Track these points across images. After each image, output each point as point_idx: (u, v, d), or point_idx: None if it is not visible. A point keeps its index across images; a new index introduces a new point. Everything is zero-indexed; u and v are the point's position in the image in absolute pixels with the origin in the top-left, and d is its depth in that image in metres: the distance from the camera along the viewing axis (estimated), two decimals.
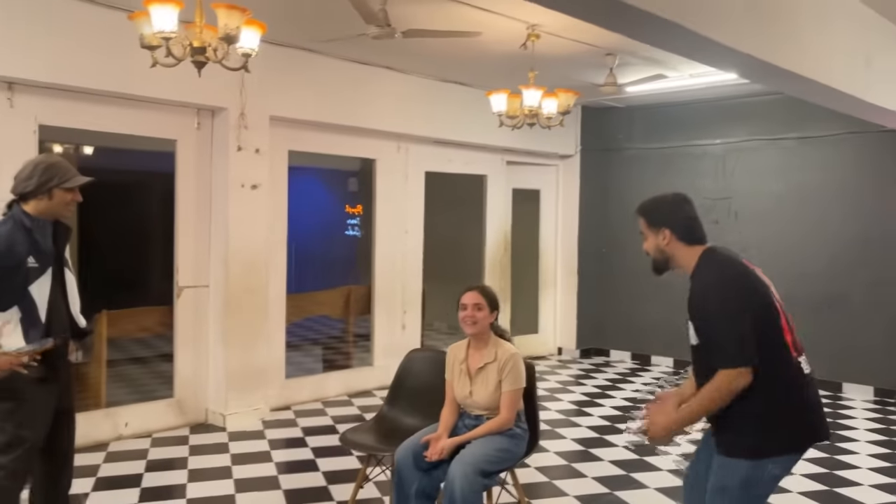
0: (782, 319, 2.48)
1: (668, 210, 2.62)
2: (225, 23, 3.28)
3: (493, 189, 8.07)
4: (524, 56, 5.40)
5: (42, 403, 2.93)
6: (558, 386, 7.26)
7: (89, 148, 7.46)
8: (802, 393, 2.47)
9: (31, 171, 2.91)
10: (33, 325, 2.86)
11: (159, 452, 5.01)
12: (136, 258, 7.84)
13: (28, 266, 2.86)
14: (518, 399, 3.38)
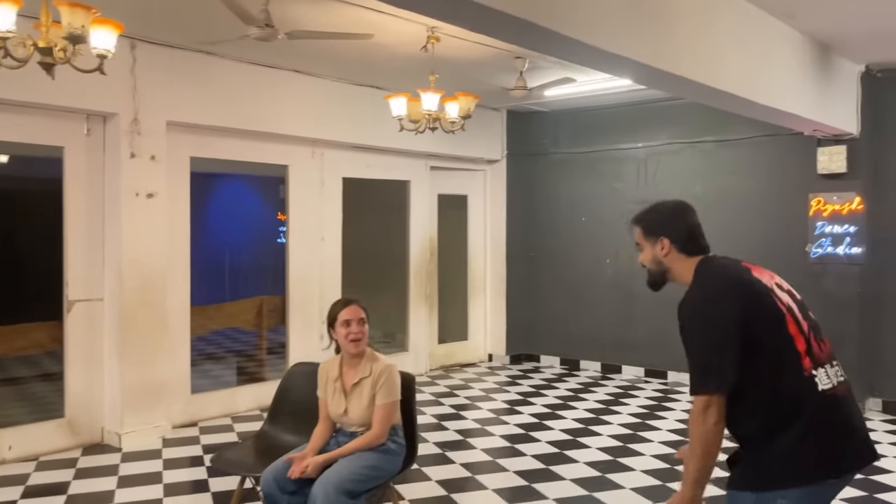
0: (790, 326, 2.13)
1: (668, 217, 2.37)
2: (69, 21, 3.06)
3: (416, 195, 7.93)
4: (431, 59, 5.28)
5: None
6: (481, 394, 7.13)
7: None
8: (814, 414, 2.07)
9: None
10: None
11: (42, 477, 4.73)
12: (19, 270, 7.52)
13: None
14: (392, 413, 3.24)
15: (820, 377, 2.11)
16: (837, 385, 2.14)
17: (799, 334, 2.14)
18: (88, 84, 4.94)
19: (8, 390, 5.87)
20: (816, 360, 2.13)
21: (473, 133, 8.02)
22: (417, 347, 7.94)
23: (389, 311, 8.32)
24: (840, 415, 2.12)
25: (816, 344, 2.16)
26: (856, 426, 2.15)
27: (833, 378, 2.14)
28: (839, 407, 2.12)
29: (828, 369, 2.14)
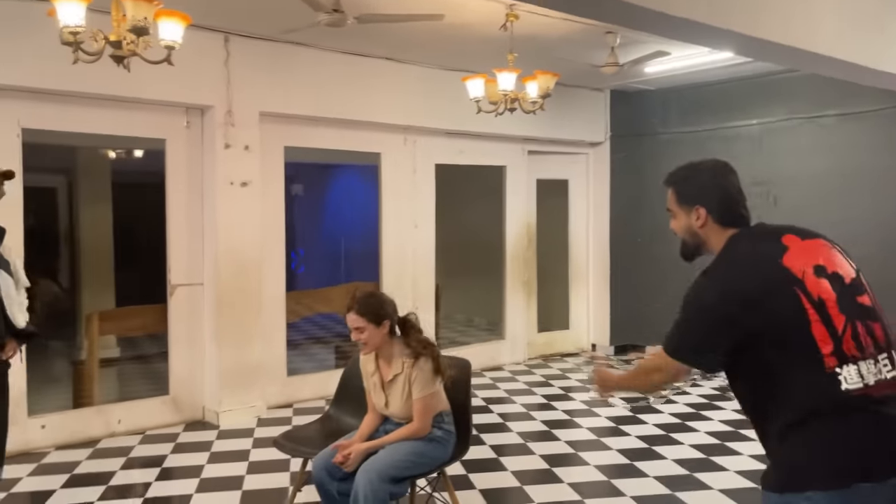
0: (812, 325, 1.88)
1: (707, 184, 2.13)
2: (132, 14, 3.19)
3: (513, 180, 7.77)
4: (510, 38, 5.12)
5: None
6: (578, 384, 6.90)
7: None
8: (836, 414, 1.86)
9: None
10: None
11: (144, 449, 5.04)
12: (133, 256, 8.08)
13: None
14: (430, 405, 3.15)
15: (847, 375, 1.86)
16: (875, 384, 1.87)
17: (826, 335, 1.88)
18: (188, 79, 5.24)
19: (120, 368, 6.32)
20: (849, 356, 1.88)
21: (574, 115, 7.79)
22: (515, 336, 7.81)
23: (487, 298, 8.25)
24: (872, 413, 1.86)
25: (853, 339, 1.89)
26: (887, 431, 1.86)
27: (868, 377, 1.87)
28: (871, 406, 1.86)
29: (861, 365, 1.88)
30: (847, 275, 1.99)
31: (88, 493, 4.23)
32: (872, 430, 1.86)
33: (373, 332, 3.16)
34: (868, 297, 1.99)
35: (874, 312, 1.97)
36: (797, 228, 2.07)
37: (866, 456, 1.85)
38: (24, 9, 4.58)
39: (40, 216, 8.69)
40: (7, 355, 3.15)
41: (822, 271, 1.96)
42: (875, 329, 1.94)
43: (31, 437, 4.95)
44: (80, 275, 8.01)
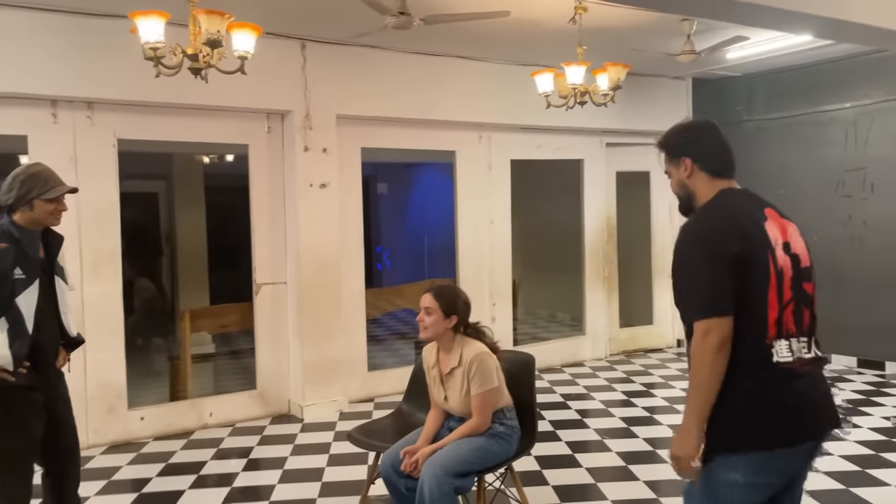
0: (770, 290, 2.03)
1: (690, 137, 2.28)
2: (206, 27, 3.36)
3: (591, 173, 7.67)
4: (580, 31, 5.06)
5: (28, 411, 2.94)
6: (660, 381, 6.75)
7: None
8: (766, 382, 2.01)
9: (10, 183, 2.94)
10: (19, 337, 2.86)
11: (233, 441, 5.30)
12: (226, 257, 8.44)
13: (14, 277, 2.87)
14: (489, 401, 3.16)
15: (778, 348, 2.05)
16: (797, 360, 2.06)
17: (776, 301, 2.05)
18: (268, 85, 5.46)
19: (214, 364, 6.65)
20: (783, 330, 2.06)
21: (653, 104, 7.61)
22: (595, 331, 7.71)
23: (569, 294, 8.18)
24: (792, 387, 2.04)
25: (793, 315, 2.08)
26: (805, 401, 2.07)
27: (797, 352, 2.07)
28: (792, 380, 2.04)
29: (793, 342, 2.07)
30: (804, 260, 2.14)
31: (182, 481, 4.49)
32: (794, 400, 2.04)
33: (439, 319, 3.19)
34: (811, 286, 2.16)
35: (810, 300, 2.14)
36: (776, 207, 2.21)
37: (787, 423, 2.02)
38: (115, 26, 4.87)
39: (143, 220, 9.27)
40: (59, 364, 3.13)
41: (788, 248, 2.12)
42: (805, 314, 2.12)
43: (132, 428, 5.29)
44: (177, 274, 8.48)
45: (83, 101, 5.03)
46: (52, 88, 4.83)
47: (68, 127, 5.02)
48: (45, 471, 3.11)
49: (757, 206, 2.18)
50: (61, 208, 3.03)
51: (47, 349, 3.03)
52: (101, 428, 5.15)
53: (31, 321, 2.91)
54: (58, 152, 4.91)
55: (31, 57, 4.72)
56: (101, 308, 5.13)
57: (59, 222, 3.07)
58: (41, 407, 2.99)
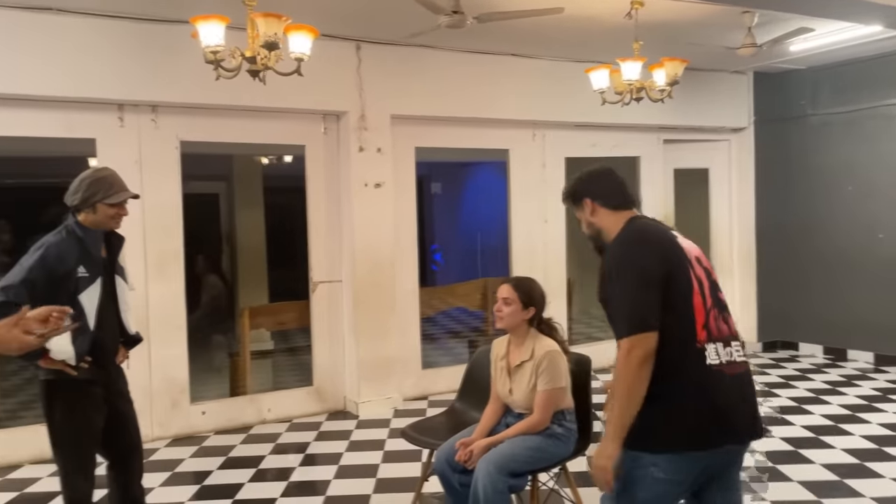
0: (695, 297, 2.20)
1: (586, 181, 2.52)
2: (264, 30, 3.44)
3: (647, 170, 7.54)
4: (636, 26, 4.98)
5: (89, 405, 3.03)
6: None
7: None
8: (695, 384, 2.15)
9: (77, 185, 3.02)
10: (82, 333, 2.92)
11: (290, 437, 5.40)
12: (283, 255, 8.59)
13: (78, 275, 2.95)
14: (553, 399, 3.15)
15: (710, 352, 2.18)
16: (726, 363, 2.19)
17: (701, 307, 2.21)
18: (324, 87, 5.54)
19: (272, 360, 6.79)
20: (711, 335, 2.19)
21: (713, 100, 7.45)
22: None
23: None
24: (720, 391, 2.16)
25: (715, 322, 2.22)
26: (733, 404, 2.18)
27: (723, 356, 2.19)
28: (721, 383, 2.16)
29: (720, 347, 2.20)
30: (713, 273, 2.33)
31: (241, 474, 4.60)
32: (718, 404, 2.15)
33: (516, 310, 3.22)
34: (724, 295, 2.32)
35: (727, 308, 2.30)
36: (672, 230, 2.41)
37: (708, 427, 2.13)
38: (177, 31, 5.00)
39: (205, 219, 9.53)
40: (119, 361, 3.22)
41: (700, 262, 2.31)
42: (728, 319, 2.28)
43: (194, 422, 5.44)
44: (237, 273, 8.69)
45: (148, 104, 5.20)
46: (119, 93, 5.01)
47: (134, 130, 5.20)
48: (108, 463, 3.21)
49: (665, 228, 2.39)
50: (122, 213, 3.09)
51: (108, 346, 3.11)
52: (165, 421, 5.31)
53: (94, 318, 3.00)
54: (124, 155, 5.09)
55: (98, 63, 4.90)
56: (166, 306, 5.29)
57: (119, 226, 3.15)
58: (102, 401, 3.08)
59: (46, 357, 2.87)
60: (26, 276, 2.87)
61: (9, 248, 7.03)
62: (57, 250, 2.95)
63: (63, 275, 2.93)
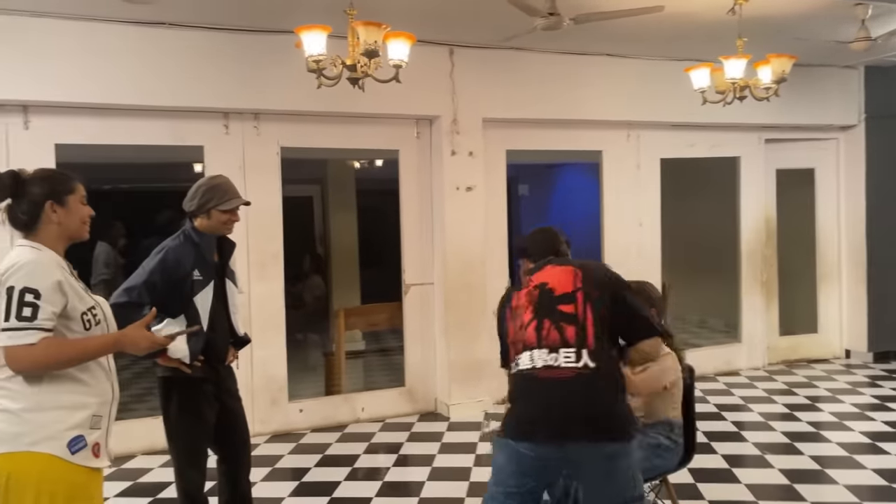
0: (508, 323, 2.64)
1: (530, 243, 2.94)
2: (364, 38, 3.50)
3: (748, 171, 7.25)
4: (740, 22, 4.79)
5: (202, 401, 3.18)
6: (826, 394, 6.27)
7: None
8: (516, 386, 2.55)
9: (194, 191, 3.17)
10: (196, 333, 3.06)
11: (383, 437, 5.48)
12: (376, 258, 8.72)
13: (193, 278, 3.11)
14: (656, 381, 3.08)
15: (522, 359, 2.52)
16: (544, 368, 2.46)
17: (512, 329, 2.62)
18: (417, 92, 5.60)
19: (365, 360, 6.92)
20: (525, 344, 2.53)
21: (819, 97, 7.10)
22: (752, 339, 7.28)
23: (722, 298, 7.79)
24: (537, 393, 2.47)
25: (536, 331, 2.51)
26: (553, 406, 2.43)
27: (540, 361, 2.47)
28: (538, 386, 2.47)
29: (535, 353, 2.49)
30: (560, 289, 2.57)
31: (337, 472, 4.70)
32: (536, 405, 2.46)
33: None
34: (574, 307, 2.52)
35: (572, 318, 2.50)
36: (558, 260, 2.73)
37: (529, 425, 2.45)
38: (278, 42, 5.18)
39: (300, 222, 9.83)
40: (228, 361, 3.34)
41: (543, 287, 2.61)
42: (567, 329, 2.49)
43: (292, 420, 5.61)
44: (331, 274, 8.90)
45: (251, 112, 5.41)
46: (225, 102, 5.22)
47: (238, 137, 5.42)
48: (219, 458, 3.35)
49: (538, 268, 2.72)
50: (234, 219, 3.22)
51: (219, 346, 3.23)
52: (265, 418, 5.50)
53: (206, 319, 3.14)
54: (229, 160, 5.30)
55: (205, 73, 5.13)
56: (266, 306, 5.48)
57: (231, 231, 3.29)
58: (214, 399, 3.22)
59: (164, 356, 3.03)
60: (147, 278, 3.06)
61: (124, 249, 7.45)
62: (175, 255, 3.12)
63: (180, 278, 3.10)
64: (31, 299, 2.12)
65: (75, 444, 2.17)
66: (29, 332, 2.11)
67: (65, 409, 2.18)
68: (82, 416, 2.21)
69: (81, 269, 2.55)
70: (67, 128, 4.96)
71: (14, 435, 2.14)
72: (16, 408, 2.15)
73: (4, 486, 2.10)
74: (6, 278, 2.16)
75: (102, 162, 6.81)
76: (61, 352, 2.16)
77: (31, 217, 2.25)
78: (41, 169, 2.38)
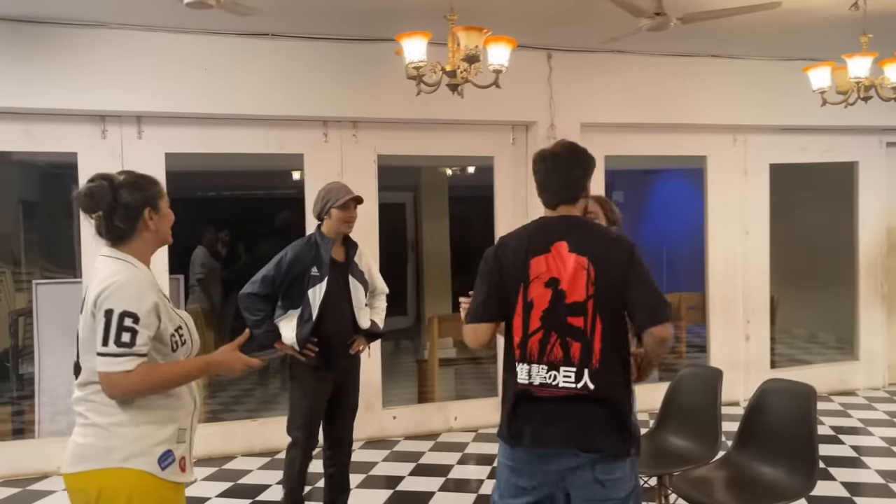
0: (515, 318, 2.35)
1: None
2: (465, 43, 3.45)
3: (867, 178, 6.78)
4: (863, 17, 4.46)
5: (313, 388, 3.65)
6: None
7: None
8: (513, 394, 2.38)
9: (316, 198, 3.68)
10: (306, 322, 3.55)
11: (476, 447, 5.41)
12: (467, 265, 8.60)
13: (311, 274, 3.57)
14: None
15: (521, 370, 2.34)
16: (541, 385, 2.31)
17: (520, 328, 2.34)
18: (514, 98, 5.52)
19: (456, 369, 6.86)
20: (527, 355, 2.33)
21: None
22: (872, 356, 6.78)
23: (834, 312, 7.31)
24: (530, 406, 2.34)
25: (539, 343, 2.31)
26: (544, 421, 2.31)
27: (538, 377, 2.31)
28: (530, 400, 2.33)
29: (534, 368, 2.32)
30: (571, 296, 2.30)
31: (431, 482, 4.66)
32: (527, 417, 2.33)
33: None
34: (583, 320, 2.29)
35: (580, 334, 2.29)
36: (575, 239, 2.34)
37: (512, 427, 2.37)
38: (376, 50, 5.22)
39: (393, 228, 9.91)
40: (353, 350, 3.75)
41: (555, 285, 2.31)
42: (572, 346, 2.29)
43: (386, 426, 5.62)
44: (423, 281, 8.92)
45: (349, 120, 5.47)
46: (324, 110, 5.31)
47: (336, 145, 5.48)
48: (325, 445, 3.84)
49: (545, 239, 2.37)
50: (351, 215, 3.64)
51: (333, 338, 3.63)
52: (360, 424, 5.43)
53: (316, 310, 3.56)
54: (328, 168, 5.38)
55: (306, 82, 5.22)
56: None
57: (350, 229, 3.71)
58: (325, 384, 3.68)
59: (279, 342, 3.58)
60: (266, 273, 3.62)
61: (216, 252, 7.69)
62: (294, 253, 3.63)
63: (299, 273, 3.59)
64: (130, 324, 2.05)
65: (165, 459, 2.12)
66: (127, 358, 2.04)
67: (154, 424, 2.13)
68: (171, 431, 2.16)
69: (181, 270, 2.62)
70: (176, 137, 5.16)
71: (105, 450, 2.08)
72: (105, 422, 2.10)
73: (94, 502, 2.06)
74: (104, 300, 2.07)
75: (206, 170, 7.07)
76: (156, 378, 2.11)
77: (130, 226, 2.16)
78: (124, 172, 2.25)
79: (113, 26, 4.79)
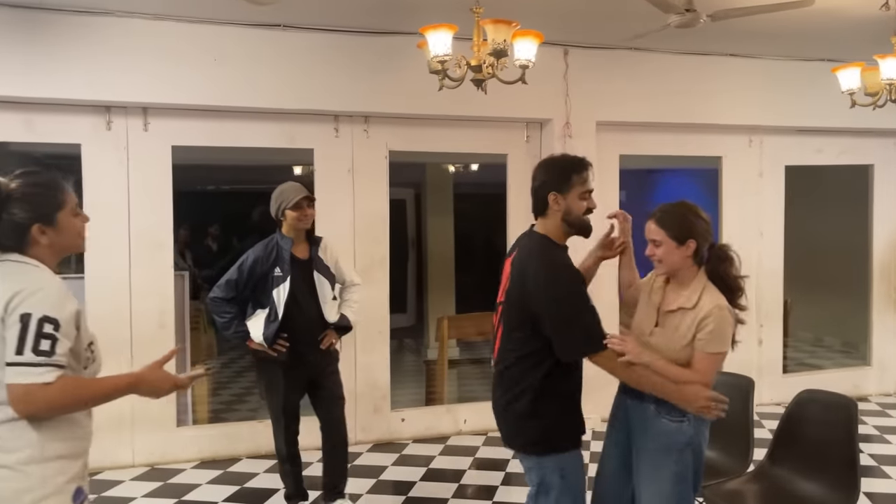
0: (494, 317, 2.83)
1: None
2: (493, 37, 3.32)
3: (883, 180, 6.69)
4: (892, 17, 4.36)
5: (277, 382, 3.80)
6: None
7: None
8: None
9: (272, 200, 3.76)
10: (272, 321, 3.66)
11: (487, 451, 5.28)
12: (472, 264, 8.51)
13: (274, 275, 3.68)
14: (715, 365, 2.56)
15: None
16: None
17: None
18: (530, 95, 5.35)
19: (460, 370, 6.74)
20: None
21: None
22: (884, 362, 6.70)
23: (841, 315, 7.24)
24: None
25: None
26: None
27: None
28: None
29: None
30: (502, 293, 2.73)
31: (443, 488, 4.54)
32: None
33: (671, 249, 2.64)
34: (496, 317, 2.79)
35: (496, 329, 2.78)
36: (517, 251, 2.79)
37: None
38: (390, 43, 5.09)
39: (393, 225, 9.78)
40: (325, 345, 3.82)
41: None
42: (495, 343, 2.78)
43: (394, 428, 5.49)
44: (426, 279, 8.78)
45: (361, 115, 5.32)
46: (336, 105, 5.16)
47: (347, 140, 5.34)
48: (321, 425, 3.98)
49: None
50: (303, 214, 3.71)
51: (301, 334, 3.72)
52: (368, 426, 5.40)
53: (281, 310, 3.66)
54: (338, 163, 5.24)
55: (318, 76, 5.07)
56: (370, 310, 5.35)
57: (307, 225, 3.78)
58: (302, 381, 3.83)
59: (250, 340, 3.71)
60: (229, 277, 3.75)
61: (184, 253, 7.59)
62: (255, 256, 3.75)
63: (262, 274, 3.71)
64: (51, 330, 1.80)
65: (77, 497, 1.89)
66: (47, 368, 1.79)
67: (65, 459, 1.88)
68: (80, 465, 1.92)
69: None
70: (184, 129, 5.01)
71: (14, 493, 1.81)
72: (12, 460, 1.82)
73: None
74: (18, 303, 1.82)
75: (212, 163, 6.91)
76: (78, 393, 1.86)
77: (18, 241, 1.93)
78: (25, 178, 1.99)
79: (119, 14, 4.63)
